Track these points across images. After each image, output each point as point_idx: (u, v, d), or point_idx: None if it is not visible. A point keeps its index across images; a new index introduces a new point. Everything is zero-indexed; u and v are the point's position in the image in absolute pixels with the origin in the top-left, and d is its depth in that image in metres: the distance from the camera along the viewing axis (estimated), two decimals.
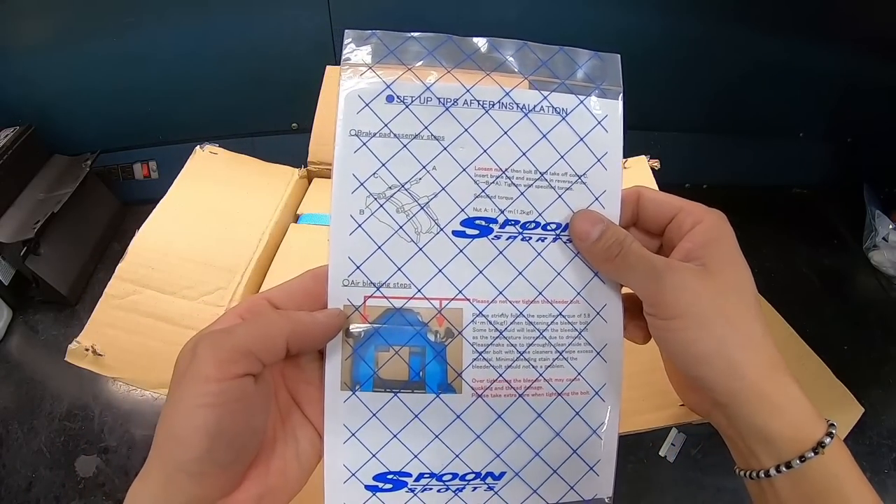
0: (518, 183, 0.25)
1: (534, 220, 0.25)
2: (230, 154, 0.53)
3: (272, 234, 0.48)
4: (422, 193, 0.24)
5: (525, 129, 0.25)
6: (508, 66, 0.25)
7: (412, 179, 0.24)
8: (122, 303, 0.41)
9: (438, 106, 0.25)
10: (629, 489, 0.55)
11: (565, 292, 0.25)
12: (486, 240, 0.25)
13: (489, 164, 0.25)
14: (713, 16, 0.74)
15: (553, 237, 0.25)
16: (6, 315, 0.67)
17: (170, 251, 0.44)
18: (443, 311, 0.24)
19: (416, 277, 0.24)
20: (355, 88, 0.24)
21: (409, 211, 0.24)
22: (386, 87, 0.24)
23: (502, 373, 0.25)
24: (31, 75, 0.74)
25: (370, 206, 0.24)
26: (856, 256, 0.81)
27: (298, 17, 0.72)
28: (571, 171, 0.25)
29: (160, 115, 0.79)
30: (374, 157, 0.24)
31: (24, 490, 0.53)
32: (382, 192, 0.24)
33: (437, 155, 0.25)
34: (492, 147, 0.25)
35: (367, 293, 0.24)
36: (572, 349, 0.25)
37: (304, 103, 0.55)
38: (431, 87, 0.25)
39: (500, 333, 0.25)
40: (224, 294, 0.43)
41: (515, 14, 0.73)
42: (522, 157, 0.25)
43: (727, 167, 0.88)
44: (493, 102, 0.25)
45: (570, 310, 0.25)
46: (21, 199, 0.69)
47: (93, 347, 0.38)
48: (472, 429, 0.25)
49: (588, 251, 0.25)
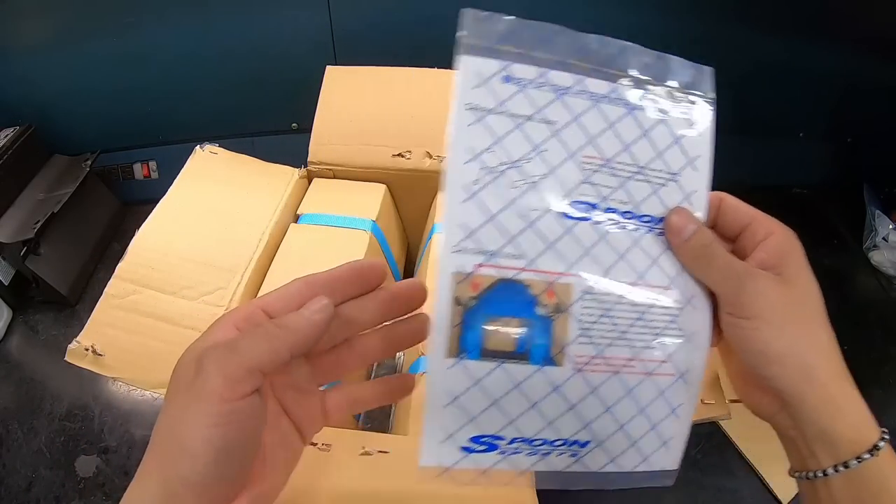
0: (619, 174, 0.27)
1: (631, 210, 0.27)
2: (230, 154, 0.53)
3: (272, 234, 0.48)
4: (532, 173, 0.25)
5: (628, 124, 0.27)
6: (615, 63, 0.27)
7: (523, 158, 0.25)
8: (122, 303, 0.41)
9: (551, 92, 0.26)
10: (629, 489, 0.55)
11: (661, 279, 0.27)
12: (589, 224, 0.26)
13: (594, 153, 0.26)
14: (713, 16, 0.74)
15: (647, 228, 0.27)
16: (6, 315, 0.67)
17: (170, 251, 0.44)
18: (553, 285, 0.25)
19: (528, 250, 0.25)
20: (474, 66, 0.25)
21: (520, 187, 0.25)
22: (503, 67, 0.26)
23: (602, 350, 0.26)
24: (31, 75, 0.74)
25: (483, 179, 0.25)
26: (856, 256, 0.81)
27: (298, 17, 0.72)
28: (666, 169, 0.27)
29: (160, 115, 0.79)
30: (489, 133, 0.25)
31: (24, 490, 0.53)
32: (495, 166, 0.25)
33: (548, 138, 0.26)
34: (598, 138, 0.26)
35: (477, 261, 0.25)
36: (666, 333, 0.27)
37: (304, 103, 0.55)
38: (547, 74, 0.26)
39: (604, 312, 0.26)
40: (224, 294, 0.43)
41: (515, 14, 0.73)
42: (625, 150, 0.27)
43: (727, 167, 0.88)
44: (601, 96, 0.26)
45: (666, 296, 0.27)
46: (21, 199, 0.69)
47: (93, 347, 0.38)
48: (568, 400, 0.26)
49: (679, 247, 0.27)
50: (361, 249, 0.47)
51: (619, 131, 0.27)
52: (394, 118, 0.54)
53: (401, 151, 0.53)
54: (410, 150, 0.53)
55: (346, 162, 0.53)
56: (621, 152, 0.27)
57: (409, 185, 0.54)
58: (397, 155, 0.53)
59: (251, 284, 0.44)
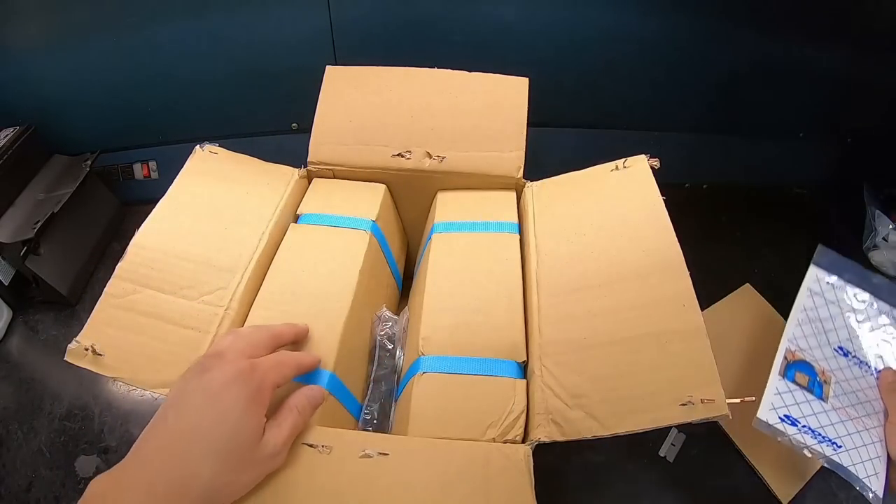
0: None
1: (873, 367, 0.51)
2: (230, 153, 0.53)
3: (272, 234, 0.48)
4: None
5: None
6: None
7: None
8: (121, 302, 0.41)
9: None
10: (629, 489, 0.55)
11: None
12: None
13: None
14: (714, 16, 0.74)
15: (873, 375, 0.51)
16: (6, 315, 0.67)
17: (169, 251, 0.44)
18: (825, 372, 0.49)
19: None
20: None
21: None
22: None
23: (851, 405, 0.47)
24: (31, 75, 0.74)
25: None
26: (856, 256, 0.81)
27: (298, 18, 0.72)
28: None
29: (160, 115, 0.79)
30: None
31: (24, 490, 0.53)
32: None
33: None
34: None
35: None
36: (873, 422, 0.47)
37: (304, 103, 0.55)
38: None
39: (854, 392, 0.49)
40: (224, 294, 0.43)
41: (515, 13, 0.73)
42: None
43: (727, 167, 0.88)
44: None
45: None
46: (21, 199, 0.69)
47: (92, 347, 0.38)
48: (837, 419, 0.46)
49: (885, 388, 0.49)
50: (361, 249, 0.47)
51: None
52: (394, 118, 0.54)
53: (401, 151, 0.53)
54: (410, 150, 0.53)
55: (346, 162, 0.53)
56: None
57: (409, 185, 0.54)
58: (397, 155, 0.53)
59: (251, 284, 0.44)
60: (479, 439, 0.37)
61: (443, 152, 0.52)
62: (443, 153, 0.52)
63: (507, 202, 0.52)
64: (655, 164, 0.48)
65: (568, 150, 0.83)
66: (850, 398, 0.48)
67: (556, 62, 0.77)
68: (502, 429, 0.38)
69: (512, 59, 0.63)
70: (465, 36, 0.74)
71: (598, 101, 0.83)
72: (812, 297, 0.52)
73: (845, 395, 0.48)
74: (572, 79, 0.79)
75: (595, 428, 0.35)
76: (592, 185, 0.50)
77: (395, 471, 0.34)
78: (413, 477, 0.34)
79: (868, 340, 0.52)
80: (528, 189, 0.53)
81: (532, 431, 0.37)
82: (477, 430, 0.37)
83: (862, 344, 0.51)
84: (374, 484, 0.34)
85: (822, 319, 0.52)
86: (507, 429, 0.38)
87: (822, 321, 0.52)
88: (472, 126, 0.53)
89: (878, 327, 0.52)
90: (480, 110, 0.53)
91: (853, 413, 0.46)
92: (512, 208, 0.52)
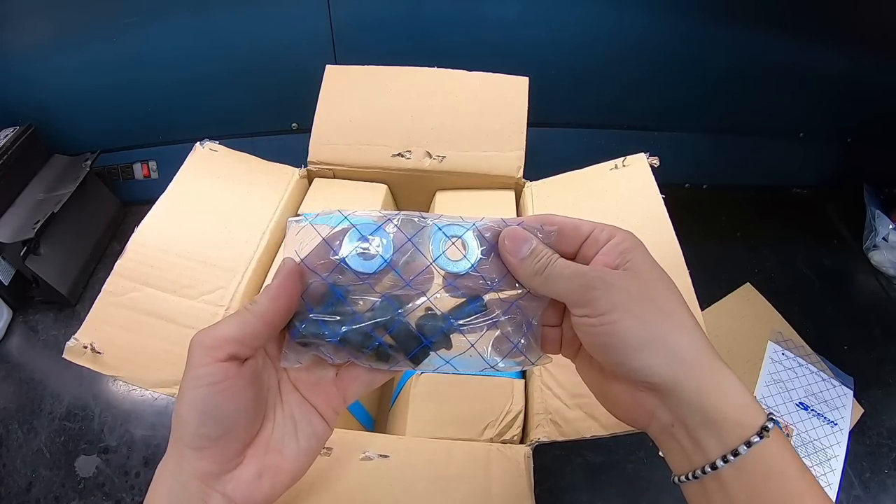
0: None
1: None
2: (230, 151, 0.53)
3: (272, 234, 0.48)
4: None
5: None
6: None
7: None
8: (120, 300, 0.41)
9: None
10: (629, 489, 0.55)
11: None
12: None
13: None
14: (714, 16, 0.74)
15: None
16: (6, 315, 0.67)
17: (169, 249, 0.44)
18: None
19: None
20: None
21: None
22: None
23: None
24: (31, 75, 0.74)
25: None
26: (856, 256, 0.81)
27: (298, 17, 0.72)
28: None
29: (160, 115, 0.79)
30: None
31: (24, 490, 0.53)
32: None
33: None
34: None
35: None
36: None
37: (304, 103, 0.55)
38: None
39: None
40: (224, 294, 0.43)
41: (515, 13, 0.73)
42: None
43: (727, 167, 0.88)
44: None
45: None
46: (21, 199, 0.69)
47: (91, 345, 0.38)
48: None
49: (518, 266, 0.27)
50: None
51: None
52: (394, 118, 0.54)
53: (401, 151, 0.53)
54: (410, 150, 0.53)
55: (346, 161, 0.53)
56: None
57: (409, 185, 0.54)
58: (397, 155, 0.53)
59: (251, 284, 0.44)
60: (476, 439, 0.37)
61: (443, 152, 0.52)
62: (443, 153, 0.52)
63: (506, 202, 0.52)
64: (655, 162, 0.48)
65: (568, 149, 0.83)
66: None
67: (556, 62, 0.77)
68: (500, 429, 0.38)
69: (512, 59, 0.63)
70: (465, 36, 0.74)
71: (598, 101, 0.83)
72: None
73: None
74: (572, 79, 0.79)
75: (595, 428, 0.35)
76: (592, 185, 0.50)
77: (395, 472, 0.34)
78: (414, 478, 0.34)
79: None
80: (528, 189, 0.53)
81: (531, 432, 0.37)
82: (474, 430, 0.37)
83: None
84: (376, 486, 0.34)
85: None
86: (505, 429, 0.38)
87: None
88: (471, 126, 0.53)
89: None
90: (480, 110, 0.53)
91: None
92: (511, 208, 0.52)
